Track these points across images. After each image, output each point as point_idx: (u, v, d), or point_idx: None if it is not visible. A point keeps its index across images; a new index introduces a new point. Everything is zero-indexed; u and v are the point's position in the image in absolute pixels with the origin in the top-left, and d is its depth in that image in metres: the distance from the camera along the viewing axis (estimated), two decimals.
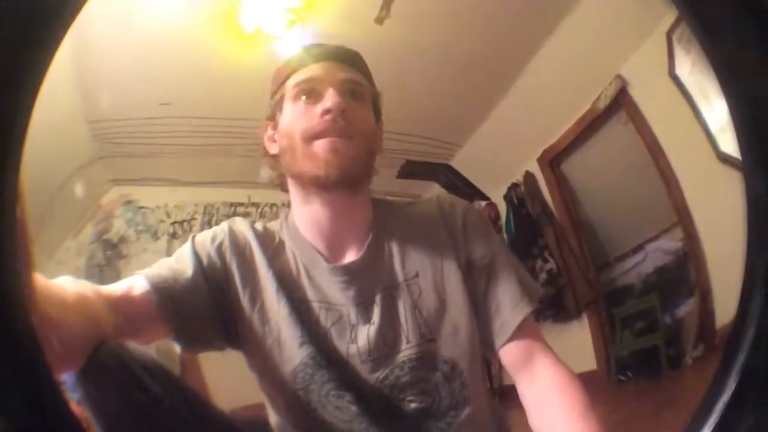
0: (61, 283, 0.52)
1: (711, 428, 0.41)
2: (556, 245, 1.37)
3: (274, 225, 0.67)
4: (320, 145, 0.60)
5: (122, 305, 0.57)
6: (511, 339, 0.61)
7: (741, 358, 0.41)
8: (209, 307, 0.62)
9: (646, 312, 1.32)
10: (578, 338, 1.15)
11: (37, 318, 0.35)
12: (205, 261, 0.62)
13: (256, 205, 1.35)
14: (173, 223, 1.42)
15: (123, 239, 1.45)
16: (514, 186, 1.42)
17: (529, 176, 1.41)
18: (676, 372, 1.28)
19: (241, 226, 0.66)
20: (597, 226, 1.37)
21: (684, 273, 1.36)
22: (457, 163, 1.36)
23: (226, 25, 1.01)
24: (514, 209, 1.38)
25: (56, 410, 0.35)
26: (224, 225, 0.66)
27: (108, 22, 1.01)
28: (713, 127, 1.25)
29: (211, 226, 1.41)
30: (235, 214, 1.36)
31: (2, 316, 0.32)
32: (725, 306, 1.24)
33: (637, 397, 1.20)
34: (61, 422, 0.35)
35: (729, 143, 1.19)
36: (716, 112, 1.28)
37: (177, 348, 0.63)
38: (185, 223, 1.41)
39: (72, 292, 0.51)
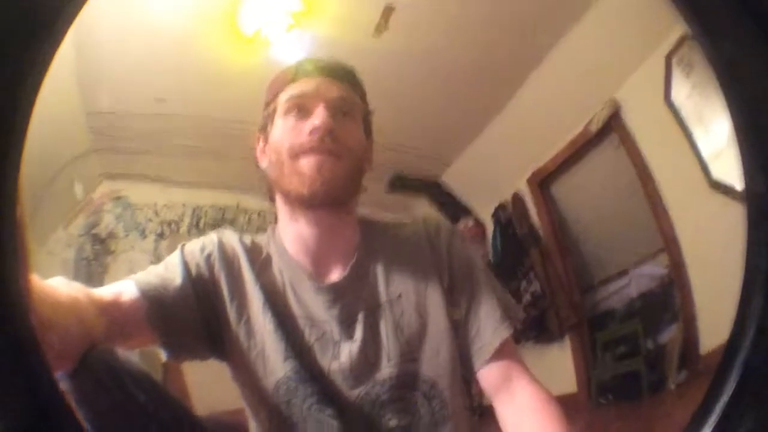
0: (55, 284, 0.52)
1: (711, 428, 0.41)
2: (542, 267, 1.37)
3: (261, 239, 0.68)
4: (306, 163, 0.61)
5: (111, 310, 0.57)
6: (490, 361, 0.61)
7: (741, 358, 0.42)
8: (196, 317, 0.62)
9: (628, 337, 1.32)
10: (559, 360, 1.15)
11: (34, 318, 0.35)
12: (194, 271, 0.63)
13: (244, 211, 1.34)
14: (161, 223, 1.41)
15: (111, 235, 1.44)
16: (502, 206, 1.41)
17: (517, 197, 1.42)
18: (657, 396, 1.28)
19: (231, 238, 0.66)
20: (583, 249, 1.37)
21: (668, 299, 1.36)
22: (446, 179, 1.40)
23: (225, 25, 1.02)
24: (501, 229, 1.37)
25: (56, 410, 0.35)
26: (213, 236, 0.66)
27: (109, 15, 1.01)
28: (707, 153, 1.26)
29: (198, 229, 1.42)
30: (223, 218, 1.36)
31: (2, 316, 0.32)
32: (710, 332, 1.25)
33: (618, 420, 1.20)
34: (61, 422, 0.35)
35: (722, 169, 1.21)
36: (712, 137, 1.29)
37: (162, 355, 0.63)
38: (173, 224, 1.40)
39: (65, 294, 0.51)
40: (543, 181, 1.38)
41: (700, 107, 1.24)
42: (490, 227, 1.47)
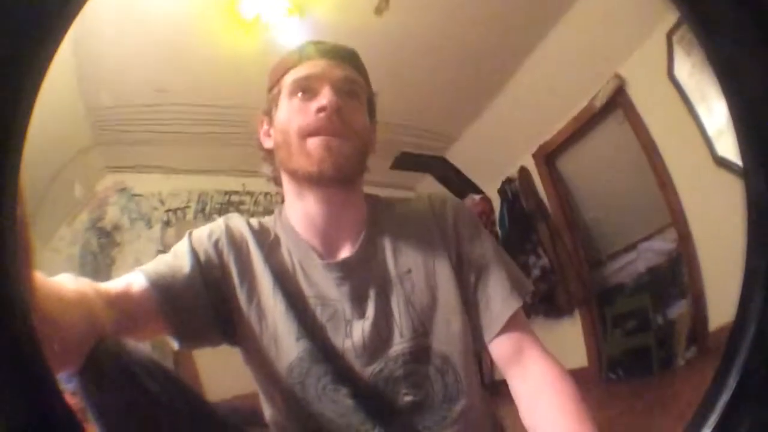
0: (61, 280, 0.51)
1: (711, 428, 0.41)
2: (550, 242, 1.35)
3: (269, 221, 0.67)
4: (314, 143, 0.61)
5: (121, 302, 0.57)
6: (500, 333, 0.61)
7: (741, 358, 0.41)
8: (207, 304, 0.62)
9: (637, 311, 1.32)
10: (570, 335, 1.15)
11: (37, 317, 0.35)
12: (202, 257, 0.62)
13: (250, 193, 1.34)
14: (167, 211, 1.41)
15: (117, 227, 1.44)
16: (509, 181, 1.41)
17: (523, 171, 1.40)
18: (667, 372, 1.28)
19: (238, 222, 0.66)
20: (591, 223, 1.36)
21: (676, 274, 1.36)
22: (452, 156, 1.32)
23: (224, 11, 1.01)
24: (508, 204, 1.37)
25: (56, 410, 0.35)
26: (220, 221, 0.66)
27: (108, 7, 1.01)
28: (711, 131, 1.25)
29: (204, 214, 1.42)
30: (229, 202, 1.35)
31: (2, 317, 0.32)
32: (719, 309, 1.25)
33: (627, 396, 1.21)
34: (61, 422, 0.35)
35: (726, 147, 1.20)
36: (715, 115, 1.28)
37: (174, 344, 0.63)
38: (179, 211, 1.40)
39: (72, 290, 0.51)
40: (549, 156, 1.36)
41: (702, 85, 1.23)
42: (496, 202, 1.52)
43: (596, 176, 1.35)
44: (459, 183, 1.27)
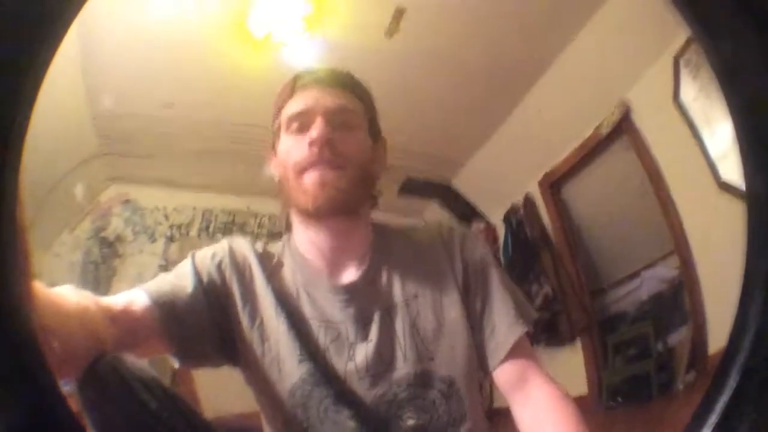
0: (63, 292, 0.51)
1: (711, 428, 0.41)
2: (553, 270, 1.36)
3: (274, 247, 0.68)
4: (309, 178, 0.61)
5: (123, 319, 0.57)
6: (505, 360, 0.62)
7: (741, 358, 0.41)
8: (209, 324, 0.62)
9: (639, 339, 1.32)
10: (570, 363, 1.15)
11: (36, 323, 0.35)
12: (205, 278, 0.62)
13: (255, 215, 1.34)
14: (171, 227, 1.41)
15: (120, 238, 1.45)
16: (514, 209, 1.42)
17: (528, 199, 1.42)
18: (666, 397, 1.28)
19: (242, 245, 0.66)
20: (594, 251, 1.37)
21: (678, 301, 1.36)
22: (458, 183, 1.35)
23: (235, 29, 1.02)
24: (513, 232, 1.39)
25: (56, 410, 0.35)
26: (224, 243, 0.66)
27: (117, 20, 1.02)
28: (714, 154, 1.26)
29: (208, 233, 1.42)
30: (233, 222, 1.35)
31: (2, 317, 0.32)
32: (718, 333, 1.24)
33: (625, 422, 1.20)
34: (61, 423, 0.35)
35: (730, 171, 1.20)
36: (718, 138, 1.29)
37: (174, 362, 0.63)
38: (183, 227, 1.40)
39: (73, 303, 0.51)
40: (554, 184, 1.38)
41: (707, 109, 1.24)
42: (501, 230, 1.52)
43: (601, 203, 1.36)
44: (464, 210, 1.27)
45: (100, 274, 1.40)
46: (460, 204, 1.15)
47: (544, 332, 1.01)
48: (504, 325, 0.62)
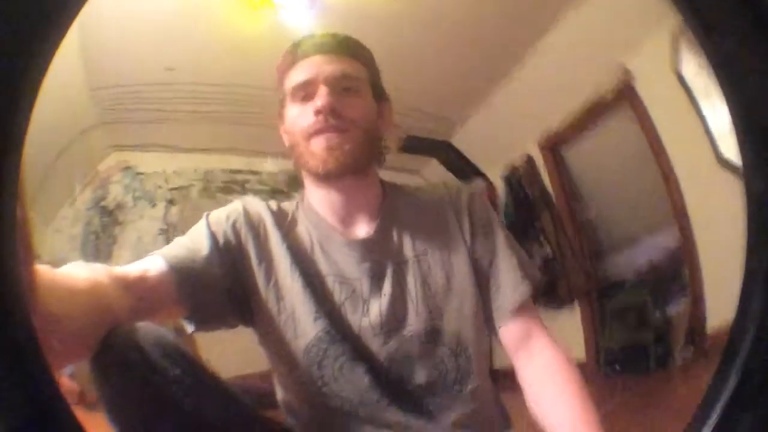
0: (71, 271, 0.52)
1: (711, 428, 0.41)
2: (553, 231, 1.36)
3: (288, 205, 0.69)
4: (317, 143, 0.64)
5: (138, 286, 0.58)
6: (510, 319, 0.62)
7: (741, 358, 0.41)
8: (225, 285, 0.63)
9: (637, 306, 1.32)
10: (568, 326, 1.15)
11: (37, 315, 0.35)
12: (220, 239, 0.64)
13: (255, 172, 1.34)
14: (171, 190, 1.41)
15: (120, 206, 1.45)
16: (514, 168, 1.39)
17: (529, 159, 1.39)
18: (663, 371, 1.28)
19: (255, 203, 0.67)
20: (594, 216, 1.37)
21: (677, 272, 1.36)
22: (457, 141, 1.40)
23: None
24: (512, 191, 1.38)
25: (56, 410, 0.35)
26: (237, 203, 0.68)
27: None
28: (716, 131, 1.25)
29: (209, 193, 1.42)
30: (234, 181, 1.36)
31: (2, 317, 0.32)
32: (717, 310, 1.25)
33: (623, 392, 1.21)
34: (61, 422, 0.35)
35: (730, 148, 1.19)
36: (720, 116, 1.28)
37: (188, 327, 0.64)
38: (183, 190, 1.40)
39: (83, 280, 0.51)
40: (554, 146, 1.36)
41: (708, 87, 1.23)
42: (501, 189, 1.51)
43: (601, 168, 1.35)
44: (464, 168, 1.27)
45: (100, 243, 1.40)
46: (460, 162, 1.14)
47: (543, 294, 1.01)
48: (509, 285, 0.63)
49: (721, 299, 1.27)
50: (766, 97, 0.41)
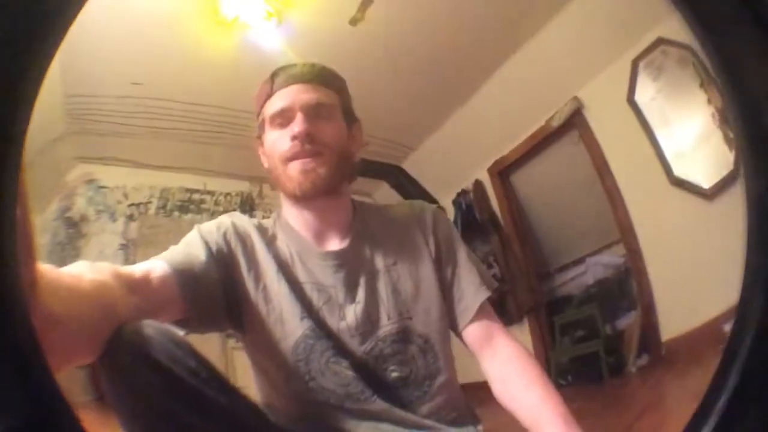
0: (75, 270, 0.52)
1: (711, 428, 0.40)
2: (502, 252, 1.43)
3: (267, 221, 0.74)
4: (293, 167, 0.67)
5: (142, 287, 0.59)
6: (473, 320, 0.68)
7: (741, 358, 0.40)
8: (220, 289, 0.66)
9: (586, 320, 1.39)
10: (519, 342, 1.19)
11: (39, 316, 0.36)
12: (214, 247, 0.67)
13: (211, 192, 1.35)
14: (130, 205, 1.41)
15: (83, 218, 1.43)
16: (464, 192, 1.53)
17: (478, 184, 1.52)
18: (618, 379, 1.34)
19: (241, 218, 0.72)
20: (541, 237, 1.45)
21: (625, 287, 1.43)
22: (409, 166, 1.41)
23: (206, 11, 1.03)
24: (462, 215, 1.52)
25: (56, 410, 0.36)
26: (225, 218, 0.71)
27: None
28: (669, 152, 1.33)
29: (165, 210, 1.41)
30: (190, 200, 1.36)
31: (2, 316, 0.32)
32: (672, 320, 1.31)
33: (583, 401, 1.25)
34: (61, 422, 0.35)
35: (685, 168, 1.25)
36: (676, 138, 1.36)
37: (181, 330, 0.66)
38: (141, 206, 1.40)
39: (88, 280, 0.51)
40: (503, 171, 1.46)
41: (665, 109, 1.31)
42: (450, 213, 1.52)
43: (548, 192, 1.40)
44: (414, 192, 1.31)
45: (65, 254, 1.39)
46: (411, 186, 1.18)
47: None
48: (471, 290, 0.68)
49: (673, 309, 1.34)
50: (766, 98, 0.43)
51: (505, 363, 0.64)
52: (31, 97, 0.33)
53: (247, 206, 1.26)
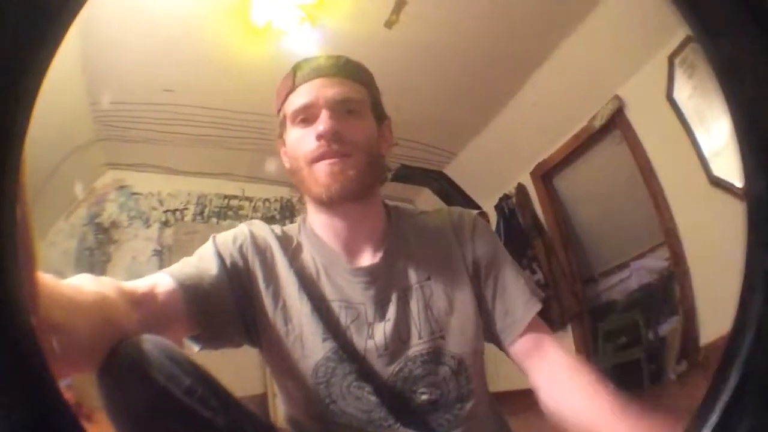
0: (78, 282, 0.51)
1: (711, 428, 0.40)
2: (545, 257, 1.39)
3: (291, 229, 0.69)
4: (320, 169, 0.62)
5: (146, 302, 0.57)
6: (522, 334, 0.64)
7: (741, 358, 0.41)
8: (233, 306, 0.63)
9: (629, 327, 1.34)
10: None
11: (39, 321, 0.35)
12: (228, 261, 0.63)
13: (249, 199, 1.34)
14: (165, 212, 1.41)
15: (114, 224, 1.44)
16: (506, 197, 1.48)
17: (521, 188, 1.47)
18: (658, 387, 1.30)
19: (261, 227, 0.67)
20: (585, 241, 1.40)
21: (668, 292, 1.39)
22: (451, 171, 1.37)
23: (237, 16, 1.02)
24: (505, 220, 1.46)
25: (56, 410, 0.36)
26: (243, 227, 0.67)
27: (119, 6, 1.01)
28: (707, 151, 1.28)
29: (203, 217, 1.42)
30: (228, 206, 1.35)
31: (2, 316, 0.32)
32: (710, 325, 1.28)
33: None
34: (61, 422, 0.36)
35: (722, 167, 1.22)
36: (712, 136, 1.31)
37: (193, 347, 0.64)
38: (177, 212, 1.40)
39: (89, 293, 0.50)
40: (546, 174, 1.42)
41: (702, 108, 1.26)
42: (493, 218, 1.47)
43: (592, 195, 1.37)
44: (457, 198, 1.29)
45: (94, 260, 1.40)
46: (453, 192, 1.16)
47: None
48: (519, 303, 0.64)
49: (712, 314, 1.30)
50: (766, 98, 0.42)
51: (555, 368, 0.60)
52: (31, 96, 0.32)
53: (287, 212, 1.24)
